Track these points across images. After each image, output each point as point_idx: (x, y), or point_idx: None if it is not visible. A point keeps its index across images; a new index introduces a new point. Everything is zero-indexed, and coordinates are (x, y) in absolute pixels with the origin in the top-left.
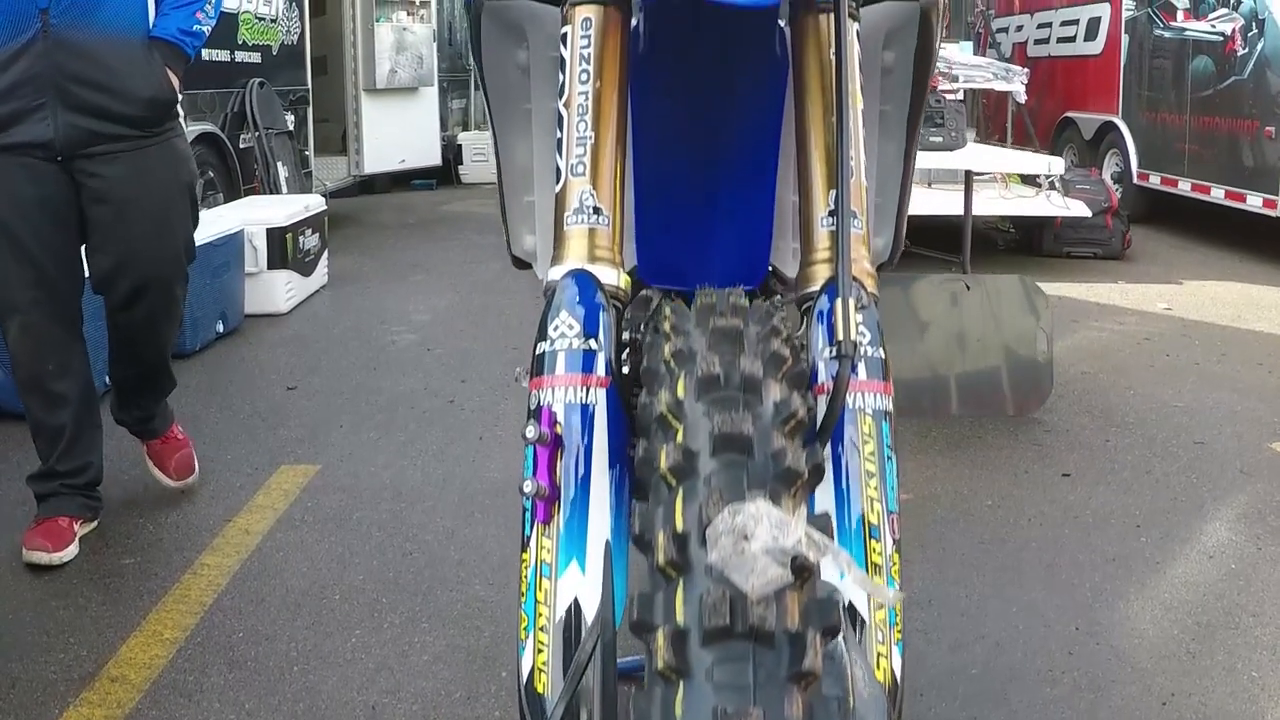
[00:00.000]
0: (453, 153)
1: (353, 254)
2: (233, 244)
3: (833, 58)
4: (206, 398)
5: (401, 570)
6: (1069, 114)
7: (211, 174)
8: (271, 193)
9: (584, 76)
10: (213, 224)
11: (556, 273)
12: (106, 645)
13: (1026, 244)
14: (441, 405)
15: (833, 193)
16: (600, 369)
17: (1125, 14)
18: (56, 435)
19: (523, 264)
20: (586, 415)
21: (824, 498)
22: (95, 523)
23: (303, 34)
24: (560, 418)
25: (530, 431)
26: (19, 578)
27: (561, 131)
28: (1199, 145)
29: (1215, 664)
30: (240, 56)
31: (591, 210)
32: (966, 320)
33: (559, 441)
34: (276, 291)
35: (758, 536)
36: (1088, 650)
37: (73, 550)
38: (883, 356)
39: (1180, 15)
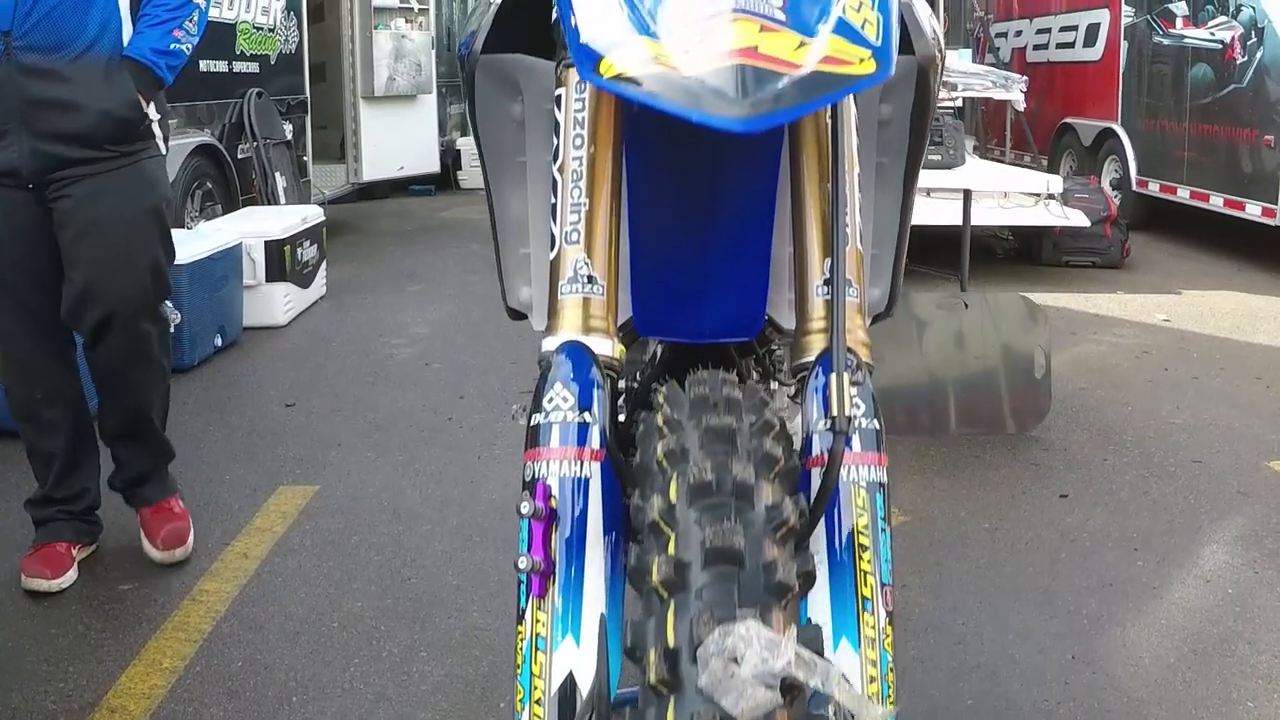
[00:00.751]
0: (451, 158)
1: (351, 263)
2: (230, 257)
3: (829, 120)
4: (205, 415)
5: (400, 597)
6: (1068, 120)
7: (210, 185)
8: (270, 203)
9: (578, 141)
10: (210, 237)
11: (551, 344)
12: (106, 674)
13: (1025, 252)
14: (440, 423)
15: (828, 261)
16: (595, 441)
17: (1124, 20)
18: (50, 460)
19: (518, 315)
20: (581, 489)
21: (818, 572)
22: (94, 546)
23: (301, 42)
24: (555, 491)
25: (525, 507)
26: (18, 604)
27: (555, 196)
28: (1198, 153)
29: (1211, 693)
30: (238, 67)
31: (586, 279)
32: (965, 339)
33: (554, 515)
34: (275, 304)
35: (747, 660)
36: (1084, 680)
37: (72, 575)
38: (877, 427)
39: (1179, 22)
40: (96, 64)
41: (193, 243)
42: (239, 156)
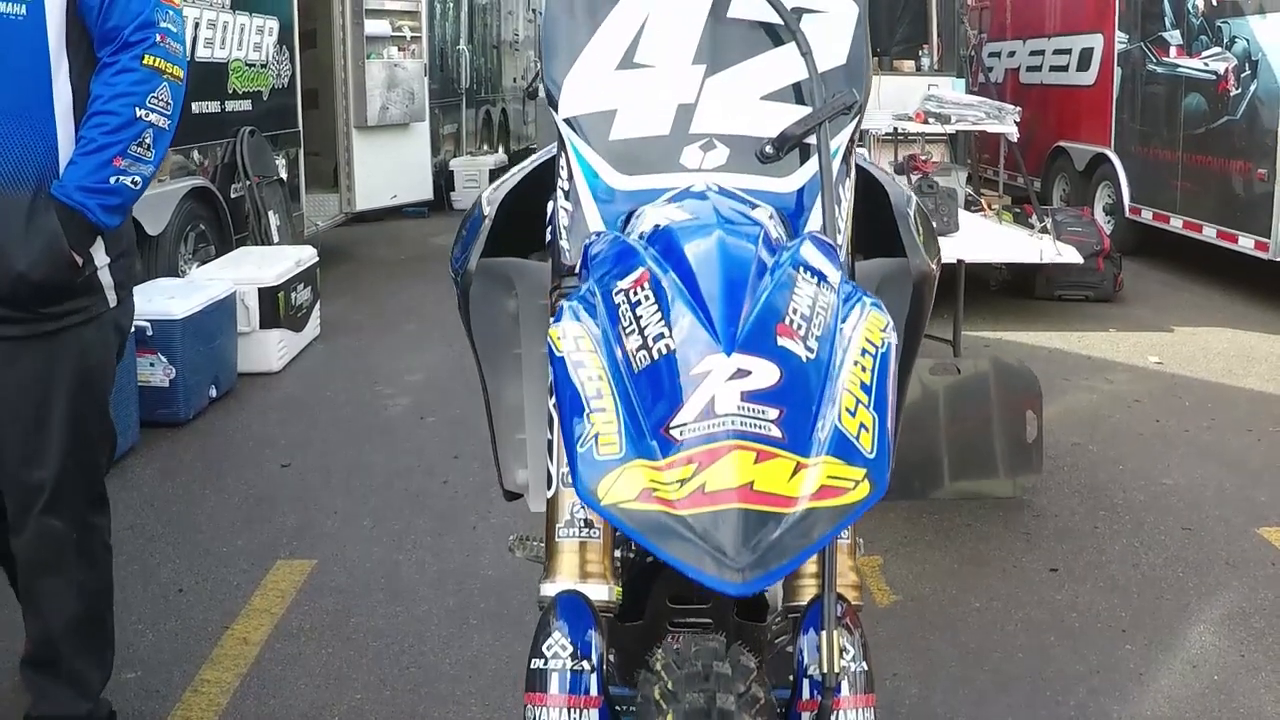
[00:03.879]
0: (444, 179)
1: (345, 297)
2: (224, 308)
3: None
4: (202, 477)
5: (398, 688)
6: (1061, 144)
7: (203, 227)
8: (263, 243)
9: None
10: (204, 288)
11: (550, 590)
12: None
13: (1018, 285)
14: (435, 487)
15: None
16: (592, 688)
17: (1118, 46)
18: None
19: (514, 496)
20: None
21: None
22: None
23: (294, 76)
24: None
25: None
26: (21, 695)
27: (552, 433)
28: (1191, 183)
29: None
30: (230, 106)
31: (583, 523)
32: (957, 403)
33: None
34: (269, 351)
35: None
36: None
37: None
38: (866, 669)
39: (1173, 51)
40: (16, 201)
41: (186, 295)
42: (232, 196)
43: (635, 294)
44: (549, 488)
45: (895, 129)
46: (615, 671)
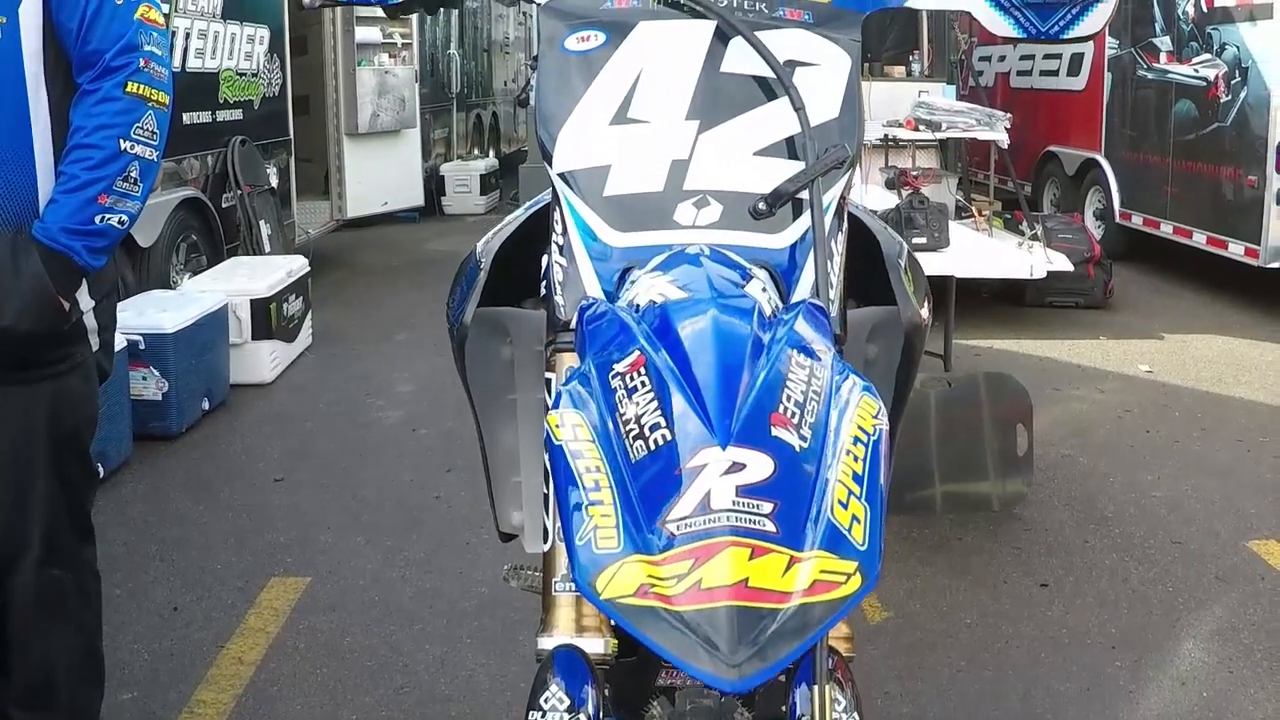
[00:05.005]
0: (435, 184)
1: (336, 306)
2: (217, 320)
3: None
4: (196, 492)
5: (394, 709)
6: (1052, 148)
7: (195, 237)
8: (254, 252)
9: None
10: (196, 301)
11: (547, 643)
12: None
13: (1009, 292)
14: (427, 502)
15: None
16: None
17: (1109, 52)
18: None
19: (509, 537)
20: None
21: None
22: None
23: (284, 84)
24: None
25: None
26: None
27: (548, 487)
28: (1181, 189)
29: None
30: (222, 116)
31: None
32: (949, 418)
33: None
34: (261, 362)
35: None
36: None
37: None
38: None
39: (1163, 57)
40: None
41: (179, 307)
42: (224, 206)
43: (632, 379)
44: (545, 542)
45: (886, 136)
46: (610, 705)
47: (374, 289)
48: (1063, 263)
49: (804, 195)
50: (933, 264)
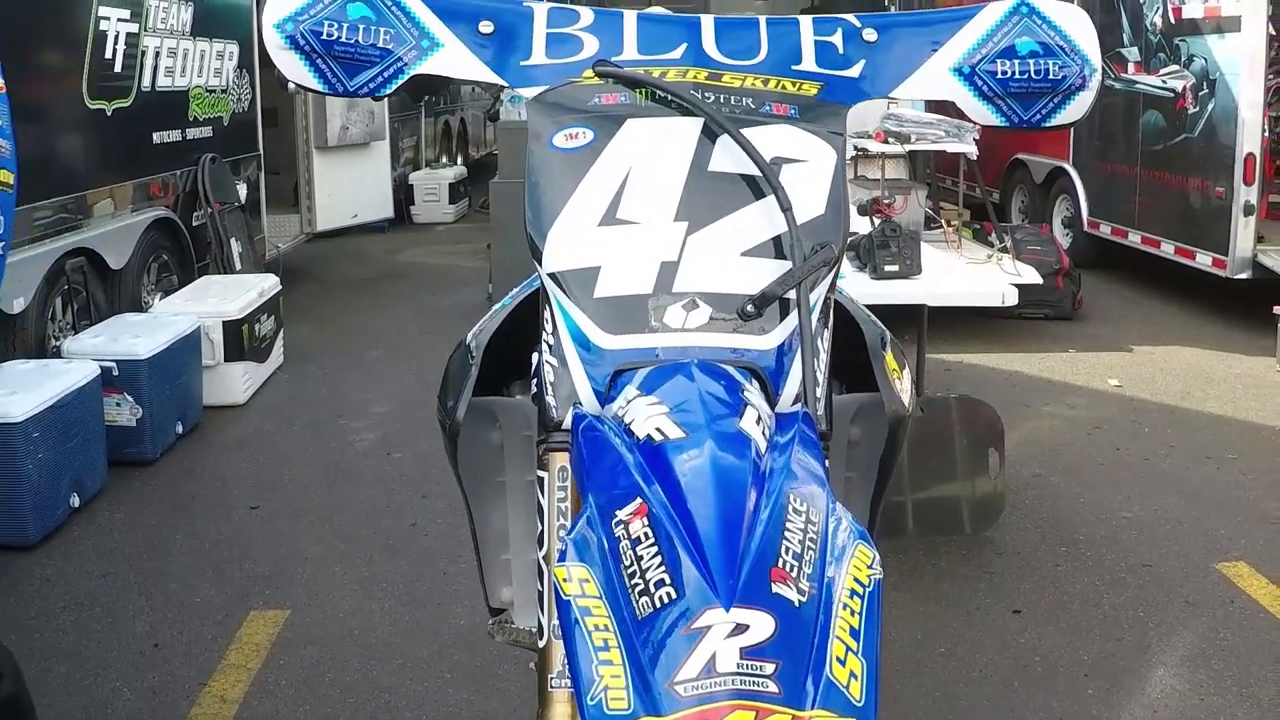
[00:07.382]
0: (404, 193)
1: (308, 322)
2: (189, 343)
3: None
4: (171, 521)
5: None
6: (1020, 156)
7: (165, 256)
8: (225, 271)
9: (562, 531)
10: (169, 324)
11: None
12: None
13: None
14: (404, 530)
15: None
16: None
17: None
18: None
19: (498, 611)
20: None
21: None
22: None
23: (254, 99)
24: None
25: None
26: None
27: (542, 585)
28: (1149, 199)
29: None
30: (192, 134)
31: None
32: (921, 443)
33: None
34: (234, 383)
35: None
36: None
37: None
38: None
39: (1131, 68)
40: None
41: (151, 332)
42: (194, 224)
43: (635, 529)
44: (541, 638)
45: (855, 147)
46: None
47: (345, 303)
48: (1031, 275)
49: (791, 295)
50: (905, 291)
